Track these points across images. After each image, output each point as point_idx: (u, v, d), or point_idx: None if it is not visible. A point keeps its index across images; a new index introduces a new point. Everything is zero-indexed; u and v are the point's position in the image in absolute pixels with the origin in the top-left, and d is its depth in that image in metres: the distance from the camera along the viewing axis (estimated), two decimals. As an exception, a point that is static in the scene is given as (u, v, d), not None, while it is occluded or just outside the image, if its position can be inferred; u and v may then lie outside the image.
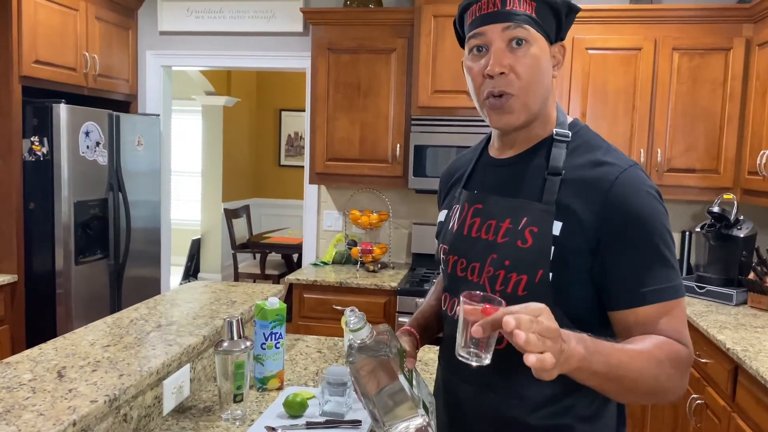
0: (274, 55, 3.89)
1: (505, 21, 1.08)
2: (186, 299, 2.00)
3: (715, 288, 2.94)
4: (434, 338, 1.36)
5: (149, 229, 3.92)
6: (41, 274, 3.23)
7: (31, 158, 3.17)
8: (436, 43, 3.25)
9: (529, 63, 1.08)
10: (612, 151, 1.12)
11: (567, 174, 1.09)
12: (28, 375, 1.30)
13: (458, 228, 1.20)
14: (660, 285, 1.03)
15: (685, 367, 1.03)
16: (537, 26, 1.08)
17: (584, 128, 1.18)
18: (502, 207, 1.14)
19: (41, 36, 3.17)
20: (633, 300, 1.04)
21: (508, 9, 1.08)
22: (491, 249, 1.13)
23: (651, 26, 3.13)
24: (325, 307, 3.25)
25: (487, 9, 1.10)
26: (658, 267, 1.04)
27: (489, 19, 1.09)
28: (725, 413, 2.26)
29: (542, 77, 1.10)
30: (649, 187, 1.07)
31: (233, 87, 6.87)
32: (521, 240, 1.09)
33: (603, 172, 1.07)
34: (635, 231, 1.04)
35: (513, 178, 1.16)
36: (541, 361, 0.82)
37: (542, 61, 1.10)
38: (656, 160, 3.16)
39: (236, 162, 7.08)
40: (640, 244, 1.04)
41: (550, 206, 1.07)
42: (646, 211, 1.04)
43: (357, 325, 1.05)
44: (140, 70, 4.05)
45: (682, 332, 1.04)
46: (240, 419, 1.47)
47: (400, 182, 3.44)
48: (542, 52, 1.10)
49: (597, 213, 1.05)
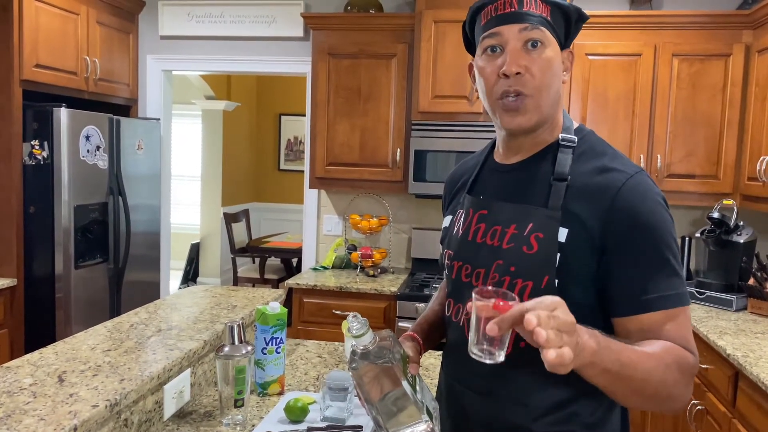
0: (275, 60, 3.90)
1: (523, 22, 1.08)
2: (186, 303, 2.00)
3: (715, 293, 2.94)
4: (437, 344, 1.36)
5: (149, 233, 3.92)
6: (41, 278, 3.22)
7: (32, 162, 3.17)
8: (437, 48, 3.25)
9: (544, 65, 1.09)
10: (618, 157, 1.12)
11: (573, 180, 1.09)
12: (29, 379, 1.30)
13: (463, 233, 1.20)
14: (665, 292, 1.03)
15: (691, 375, 1.03)
16: (551, 29, 1.09)
17: (590, 133, 1.18)
18: (508, 212, 1.13)
19: (42, 40, 3.17)
20: (637, 307, 1.04)
21: (525, 10, 1.08)
22: (496, 255, 1.12)
23: (651, 32, 3.14)
24: (325, 311, 3.24)
25: (504, 9, 1.10)
26: (663, 274, 1.03)
27: (505, 19, 1.09)
28: (726, 419, 2.26)
29: (555, 80, 1.11)
30: (656, 195, 1.07)
31: (233, 91, 6.87)
32: (527, 246, 1.08)
33: (609, 178, 1.07)
34: (641, 238, 1.04)
35: (518, 183, 1.15)
36: (560, 356, 0.80)
37: (555, 63, 1.10)
38: (656, 166, 3.16)
39: (236, 166, 7.08)
40: (646, 252, 1.04)
41: (556, 212, 1.07)
42: (653, 218, 1.04)
43: (360, 331, 1.05)
44: (141, 75, 4.05)
45: (688, 339, 1.04)
46: (241, 424, 1.46)
47: (401, 187, 3.45)
48: (555, 55, 1.10)
49: (603, 219, 1.04)
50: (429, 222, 3.76)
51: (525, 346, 1.07)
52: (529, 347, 1.07)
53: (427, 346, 1.31)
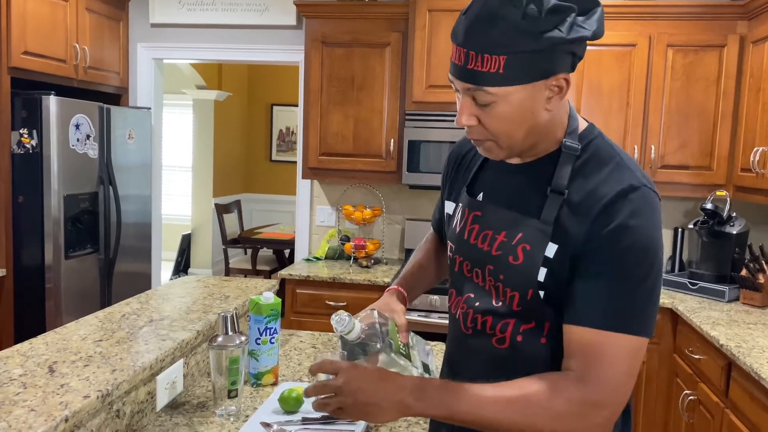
0: (267, 49, 3.86)
1: (466, 81, 0.99)
2: (178, 294, 1.98)
3: (708, 284, 2.95)
4: (426, 290, 1.46)
5: (140, 224, 3.89)
6: (30, 269, 3.19)
7: (20, 151, 3.12)
8: (431, 37, 3.23)
9: (495, 120, 1.00)
10: (621, 167, 1.03)
11: (571, 194, 1.03)
12: (19, 370, 1.28)
13: (460, 230, 1.19)
14: (606, 312, 0.96)
15: (579, 415, 0.96)
16: (508, 81, 0.96)
17: (597, 138, 1.08)
18: (500, 218, 1.10)
19: (30, 27, 3.12)
20: (572, 316, 0.99)
21: (469, 68, 0.97)
22: (487, 260, 1.11)
23: (646, 22, 3.13)
24: (318, 302, 3.23)
25: (454, 58, 1.01)
26: (618, 294, 0.96)
27: (454, 71, 1.01)
28: (718, 409, 2.27)
29: (521, 123, 1.01)
30: (648, 214, 0.98)
31: (224, 81, 6.82)
32: (513, 256, 1.06)
33: (603, 191, 1.00)
34: (613, 253, 0.97)
35: (517, 187, 1.11)
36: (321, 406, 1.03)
37: (517, 111, 0.99)
38: (650, 157, 3.16)
39: (227, 157, 7.04)
40: (610, 269, 0.97)
41: (547, 226, 1.03)
42: (632, 238, 0.97)
43: (346, 329, 1.08)
44: (131, 63, 4.00)
45: (601, 372, 0.95)
46: (234, 415, 1.45)
47: (394, 178, 3.43)
48: (517, 103, 0.98)
49: (585, 233, 0.99)
50: (423, 213, 3.74)
51: (522, 341, 1.07)
52: (526, 342, 1.07)
53: (412, 296, 1.36)
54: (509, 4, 0.94)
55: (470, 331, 1.15)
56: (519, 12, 0.93)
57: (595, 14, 0.99)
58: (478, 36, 0.96)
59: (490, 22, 0.94)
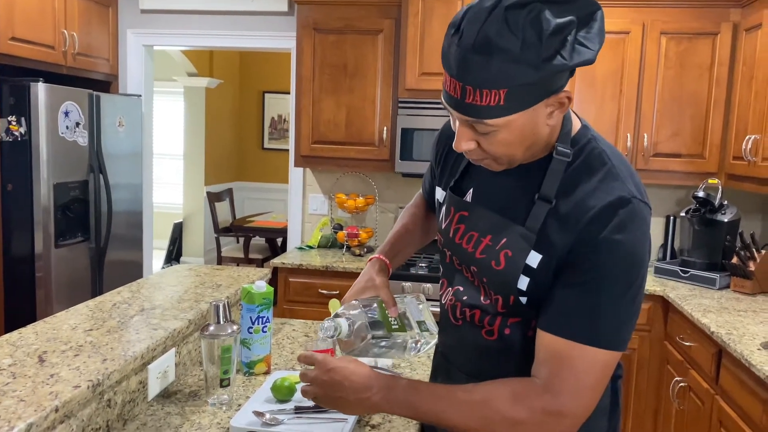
0: (259, 35, 3.82)
1: (465, 115, 0.94)
2: (170, 283, 1.96)
3: (699, 272, 2.97)
4: (411, 255, 1.45)
5: (131, 212, 3.86)
6: (20, 258, 3.16)
7: (9, 138, 3.08)
8: (424, 24, 3.20)
9: (495, 145, 0.98)
10: (612, 176, 0.99)
11: (558, 203, 1.00)
12: (8, 360, 1.26)
13: (446, 227, 1.18)
14: (582, 324, 0.95)
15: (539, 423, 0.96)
16: (510, 111, 0.92)
17: (590, 142, 1.04)
18: (486, 222, 1.09)
19: (18, 12, 3.07)
20: (547, 322, 0.99)
21: (467, 102, 0.92)
22: (472, 261, 1.11)
23: (640, 9, 3.12)
24: (311, 291, 3.22)
25: (449, 89, 0.94)
26: (593, 309, 0.95)
27: (450, 102, 0.95)
28: (708, 395, 2.29)
29: (522, 143, 0.98)
30: (634, 229, 0.96)
31: (216, 68, 6.76)
32: (495, 261, 1.05)
33: (590, 204, 0.97)
34: (595, 264, 0.95)
35: (505, 190, 1.08)
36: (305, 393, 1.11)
37: (518, 135, 0.96)
38: (643, 145, 3.16)
39: (219, 145, 7.00)
40: (590, 282, 0.95)
41: (530, 234, 1.01)
42: (616, 253, 0.95)
43: (335, 333, 1.13)
44: (121, 50, 3.95)
45: (567, 384, 0.95)
46: (226, 404, 1.44)
47: (387, 166, 3.41)
48: (518, 128, 0.95)
49: (569, 244, 0.98)
50: (415, 201, 3.73)
51: (510, 333, 1.08)
52: (514, 335, 1.07)
53: (399, 260, 1.35)
54: (506, 32, 0.87)
55: (460, 322, 1.16)
56: (517, 41, 0.87)
57: (595, 23, 0.92)
58: (475, 70, 0.89)
59: (487, 54, 0.88)
